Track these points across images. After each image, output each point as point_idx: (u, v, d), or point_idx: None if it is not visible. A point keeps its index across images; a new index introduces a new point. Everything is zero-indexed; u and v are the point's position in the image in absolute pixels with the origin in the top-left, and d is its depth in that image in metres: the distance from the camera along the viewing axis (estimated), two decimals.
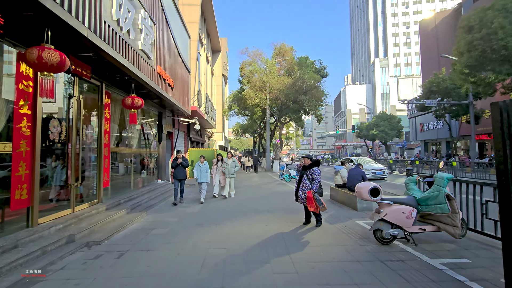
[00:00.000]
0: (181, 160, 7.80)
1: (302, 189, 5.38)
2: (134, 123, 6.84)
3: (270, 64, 21.02)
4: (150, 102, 9.83)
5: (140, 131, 9.59)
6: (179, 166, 7.82)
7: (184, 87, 12.34)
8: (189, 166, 8.24)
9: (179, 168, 7.85)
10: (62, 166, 5.09)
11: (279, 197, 9.02)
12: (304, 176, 5.41)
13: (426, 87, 25.54)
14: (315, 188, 5.13)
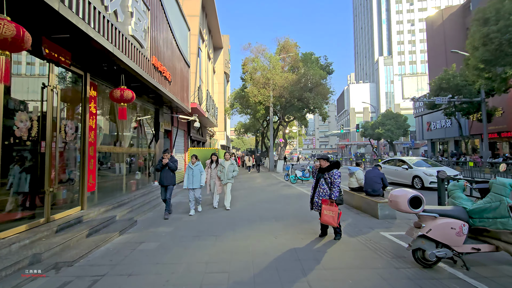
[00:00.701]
0: (167, 161, 6.21)
1: (319, 195, 4.56)
2: (123, 119, 6.04)
3: (274, 60, 20.16)
4: (145, 97, 9.03)
5: (134, 129, 8.80)
6: (165, 168, 6.25)
7: (183, 82, 11.54)
8: (176, 169, 6.42)
9: (166, 172, 6.24)
10: (25, 168, 4.27)
11: (287, 201, 8.19)
12: (321, 180, 4.58)
13: (436, 84, 24.55)
14: (334, 195, 4.31)
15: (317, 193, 4.62)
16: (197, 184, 6.57)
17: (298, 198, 8.74)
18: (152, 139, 10.15)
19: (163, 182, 6.24)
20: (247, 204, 7.89)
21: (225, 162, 7.28)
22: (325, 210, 4.30)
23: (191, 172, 6.59)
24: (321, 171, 4.63)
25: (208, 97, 17.58)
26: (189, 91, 12.72)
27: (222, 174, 7.17)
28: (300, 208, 7.16)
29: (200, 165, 6.71)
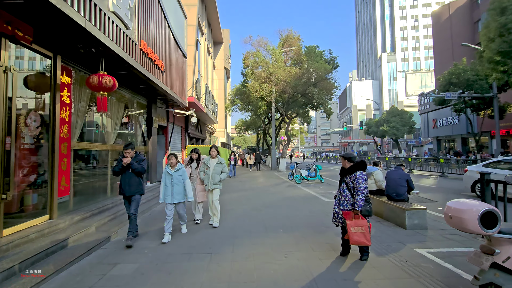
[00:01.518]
0: (130, 160, 4.32)
1: (339, 205, 3.64)
2: (103, 111, 5.12)
3: (276, 53, 19.15)
4: (135, 88, 8.10)
5: (123, 124, 7.87)
6: (128, 171, 4.38)
7: (179, 74, 10.59)
8: (145, 171, 4.69)
9: (128, 176, 4.38)
10: None
11: (294, 205, 7.26)
12: (342, 185, 3.66)
13: (445, 79, 23.51)
14: (358, 204, 3.37)
15: (337, 201, 3.69)
16: (180, 197, 4.58)
17: (305, 201, 7.81)
18: (142, 135, 9.22)
19: (125, 191, 4.35)
20: (249, 208, 6.96)
21: (210, 161, 5.32)
22: (351, 227, 3.34)
23: (169, 179, 4.59)
24: (342, 173, 3.69)
25: (207, 91, 16.64)
26: (186, 84, 11.77)
27: (206, 177, 5.30)
28: (310, 214, 6.23)
29: (183, 171, 4.70)
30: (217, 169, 5.28)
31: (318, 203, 7.50)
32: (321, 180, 12.54)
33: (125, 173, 4.42)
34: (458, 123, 32.30)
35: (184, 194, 4.65)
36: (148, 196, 7.71)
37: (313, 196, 8.80)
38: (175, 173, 4.62)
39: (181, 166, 4.73)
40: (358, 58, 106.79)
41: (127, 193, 4.38)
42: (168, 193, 4.58)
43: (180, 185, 4.62)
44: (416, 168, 19.52)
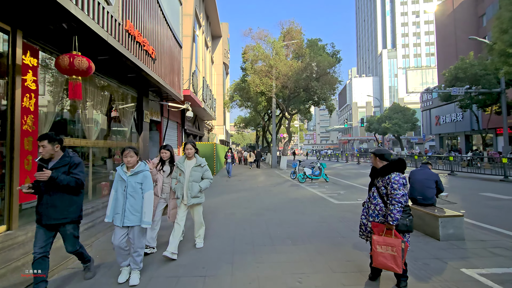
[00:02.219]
0: (46, 173, 2.52)
1: (367, 214, 2.84)
2: (76, 98, 4.30)
3: (277, 46, 18.27)
4: (123, 77, 7.24)
5: (112, 118, 7.03)
6: (49, 184, 2.62)
7: (173, 64, 9.73)
8: (83, 184, 2.84)
9: (50, 193, 2.67)
10: None
11: (300, 209, 6.46)
12: (372, 189, 2.85)
13: (451, 74, 22.71)
14: (393, 216, 2.55)
15: (366, 210, 2.89)
16: (134, 219, 2.94)
17: (313, 204, 7.02)
18: (130, 130, 8.37)
19: (42, 217, 2.66)
20: (249, 213, 6.15)
21: (185, 163, 3.75)
22: (378, 244, 2.54)
23: (121, 187, 3.01)
24: (373, 175, 2.88)
25: (205, 86, 15.77)
26: (181, 75, 10.91)
27: (178, 187, 3.68)
28: (320, 220, 5.43)
29: (144, 175, 3.05)
30: (195, 175, 3.68)
31: (327, 206, 6.71)
32: (326, 179, 11.76)
33: (46, 187, 2.63)
34: (462, 120, 31.59)
35: (140, 212, 2.95)
36: None
37: (320, 197, 8.00)
38: (130, 178, 2.97)
39: (142, 168, 3.05)
40: (358, 55, 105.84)
41: (45, 220, 2.63)
42: (118, 209, 2.93)
43: (136, 199, 2.94)
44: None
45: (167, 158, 4.02)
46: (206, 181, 3.83)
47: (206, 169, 3.85)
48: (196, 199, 3.75)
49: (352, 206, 6.70)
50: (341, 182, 11.84)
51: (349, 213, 5.89)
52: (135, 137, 8.47)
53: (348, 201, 7.35)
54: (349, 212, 5.99)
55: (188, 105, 9.91)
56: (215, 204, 7.19)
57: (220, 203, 7.25)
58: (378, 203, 2.71)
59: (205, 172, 3.84)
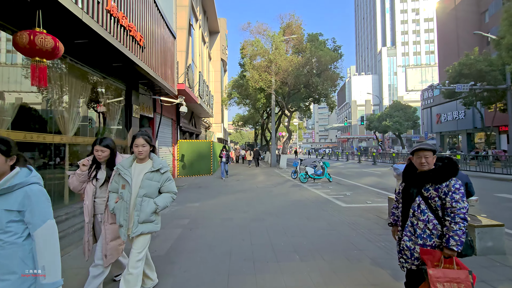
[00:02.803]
0: None
1: (413, 236, 2.05)
2: (40, 85, 3.60)
3: (277, 40, 17.56)
4: (108, 67, 6.53)
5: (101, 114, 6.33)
6: None
7: (165, 55, 9.01)
8: None
9: None
10: None
11: (305, 213, 5.79)
12: (417, 199, 2.05)
13: (456, 70, 22.11)
14: (457, 240, 1.82)
15: (408, 229, 2.08)
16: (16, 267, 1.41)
17: (318, 207, 6.35)
18: (116, 126, 7.65)
19: None
20: (249, 217, 5.47)
21: (134, 167, 2.40)
22: (439, 282, 1.77)
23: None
24: (415, 179, 2.12)
25: (201, 81, 15.04)
26: (175, 68, 10.19)
27: (120, 207, 2.31)
28: (329, 227, 4.76)
29: (30, 192, 1.43)
30: (149, 187, 2.32)
31: (334, 210, 6.04)
32: (329, 179, 11.10)
33: None
34: (464, 117, 31.08)
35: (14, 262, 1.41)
36: None
37: (325, 199, 7.34)
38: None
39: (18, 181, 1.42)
40: (357, 53, 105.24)
41: None
42: None
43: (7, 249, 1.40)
44: None
45: (104, 159, 2.50)
46: (166, 197, 2.38)
47: (167, 177, 2.42)
48: (148, 225, 2.30)
49: (362, 210, 6.04)
50: (344, 182, 11.20)
51: (361, 219, 5.23)
52: (123, 134, 7.75)
53: (356, 203, 6.70)
54: (361, 218, 5.32)
55: (182, 99, 9.20)
56: (210, 207, 6.51)
57: (216, 206, 6.57)
58: (430, 220, 1.96)
59: (166, 182, 2.41)
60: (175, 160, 13.59)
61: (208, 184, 10.92)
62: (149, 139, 2.40)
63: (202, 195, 8.18)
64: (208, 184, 10.94)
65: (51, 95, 4.85)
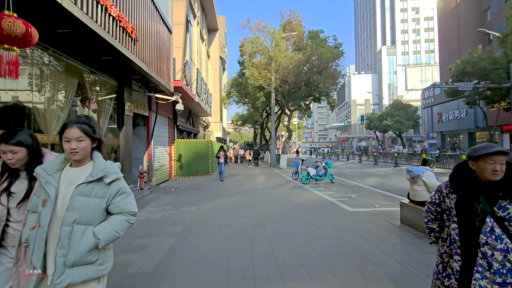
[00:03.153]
0: None
1: (486, 269, 1.45)
2: (11, 77, 3.17)
3: (277, 36, 17.10)
4: (97, 61, 6.07)
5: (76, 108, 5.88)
6: None
7: (161, 50, 8.55)
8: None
9: None
10: None
11: (309, 218, 5.36)
12: (488, 221, 1.48)
13: (459, 69, 21.72)
14: None
15: (480, 262, 1.48)
16: None
17: (323, 212, 5.92)
18: (107, 124, 7.20)
19: None
20: (248, 224, 5.03)
21: (64, 173, 1.50)
22: None
23: None
24: (487, 192, 1.54)
25: (199, 78, 14.59)
26: (171, 64, 9.73)
27: (37, 237, 1.40)
28: (338, 235, 4.32)
29: None
30: (83, 208, 1.43)
31: (341, 215, 5.62)
32: (331, 180, 10.68)
33: None
34: (465, 117, 30.73)
35: None
36: None
37: (330, 202, 6.91)
38: None
39: None
40: (356, 52, 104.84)
41: None
42: None
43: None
44: None
45: (19, 163, 1.65)
46: (116, 222, 1.52)
47: (118, 189, 1.54)
48: (84, 270, 1.42)
49: (370, 215, 5.61)
50: (347, 183, 10.78)
51: (371, 225, 4.80)
52: (115, 133, 7.29)
53: (364, 207, 6.27)
54: (371, 224, 4.89)
55: (178, 96, 8.74)
56: (207, 211, 6.07)
57: (213, 210, 6.13)
58: (511, 250, 1.46)
59: (117, 197, 1.54)
60: (172, 160, 13.15)
61: (206, 185, 10.48)
62: (89, 129, 1.50)
63: (199, 198, 7.74)
64: (205, 185, 10.50)
65: (31, 90, 4.39)
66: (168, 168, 12.75)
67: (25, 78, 4.33)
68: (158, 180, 11.04)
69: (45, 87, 4.68)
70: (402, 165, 19.74)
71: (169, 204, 6.85)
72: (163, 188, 9.67)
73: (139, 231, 4.60)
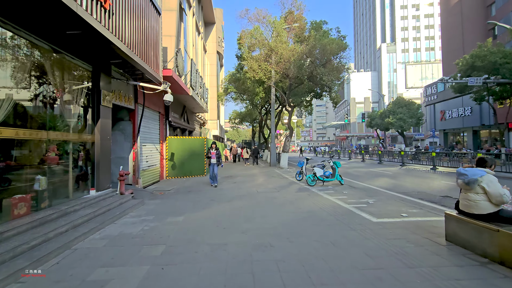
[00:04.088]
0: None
1: None
2: None
3: (279, 26, 15.92)
4: (61, 36, 4.89)
5: (31, 94, 4.70)
6: None
7: (147, 32, 7.36)
8: None
9: None
10: None
11: (327, 234, 4.21)
12: None
13: (467, 63, 20.70)
14: None
15: None
16: None
17: (342, 223, 4.78)
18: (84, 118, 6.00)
19: None
20: (250, 245, 3.87)
21: None
22: None
23: None
24: None
25: (194, 69, 13.39)
26: (159, 50, 8.54)
27: None
28: (370, 261, 3.19)
29: None
30: None
31: (365, 227, 4.49)
32: (340, 182, 9.58)
33: None
34: (470, 114, 29.80)
35: None
36: (87, 214, 4.60)
37: (346, 210, 5.79)
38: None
39: None
40: (356, 50, 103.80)
41: None
42: None
43: None
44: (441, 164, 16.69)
45: None
46: None
47: None
48: None
49: (402, 228, 4.49)
50: (357, 185, 9.69)
51: (410, 246, 3.68)
52: (91, 128, 6.11)
53: (389, 217, 5.15)
54: (409, 243, 3.77)
55: (167, 85, 7.56)
56: (198, 223, 4.92)
57: (205, 222, 4.98)
58: None
59: None
60: (164, 160, 11.97)
61: (200, 187, 9.34)
62: None
63: (189, 204, 6.58)
64: (199, 187, 9.35)
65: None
66: (159, 168, 11.57)
67: None
68: (146, 182, 9.86)
69: None
70: (409, 164, 18.71)
71: (152, 212, 5.69)
72: (151, 191, 8.50)
73: (104, 254, 3.45)
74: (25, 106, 4.31)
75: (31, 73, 4.41)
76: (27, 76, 4.31)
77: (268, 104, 24.84)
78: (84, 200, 5.32)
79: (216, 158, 9.44)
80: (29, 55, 4.38)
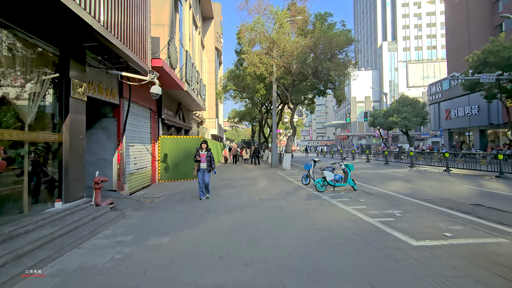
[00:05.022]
0: None
1: None
2: None
3: (281, 17, 14.81)
4: (13, 6, 3.78)
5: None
6: None
7: (131, 13, 6.24)
8: None
9: None
10: None
11: (360, 267, 3.10)
12: None
13: (479, 59, 19.66)
14: None
15: None
16: None
17: (373, 247, 3.68)
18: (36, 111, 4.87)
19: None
20: (256, 287, 2.80)
21: None
22: None
23: None
24: None
25: (189, 62, 12.26)
26: (147, 36, 7.41)
27: None
28: None
29: None
30: None
31: (406, 255, 3.40)
32: (353, 187, 8.49)
33: None
34: (477, 113, 28.78)
35: None
36: (46, 235, 3.49)
37: (372, 226, 4.69)
38: None
39: None
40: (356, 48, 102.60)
41: None
42: None
43: None
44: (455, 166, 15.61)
45: None
46: None
47: None
48: None
49: (454, 256, 3.40)
50: (371, 190, 8.63)
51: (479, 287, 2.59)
52: (58, 125, 4.98)
53: (430, 238, 4.05)
54: (478, 284, 2.68)
55: (155, 76, 6.44)
56: (187, 249, 3.80)
57: (196, 247, 3.87)
58: None
59: None
60: (156, 161, 10.85)
61: (195, 193, 8.23)
62: None
63: (180, 217, 5.48)
64: (194, 193, 8.25)
65: None
66: (150, 171, 10.45)
67: None
68: (135, 187, 8.75)
69: None
70: (418, 165, 17.64)
71: (132, 230, 4.57)
72: (138, 198, 7.38)
73: None
74: None
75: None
76: None
77: (269, 102, 23.74)
78: (45, 216, 4.20)
79: (207, 162, 7.26)
80: None
